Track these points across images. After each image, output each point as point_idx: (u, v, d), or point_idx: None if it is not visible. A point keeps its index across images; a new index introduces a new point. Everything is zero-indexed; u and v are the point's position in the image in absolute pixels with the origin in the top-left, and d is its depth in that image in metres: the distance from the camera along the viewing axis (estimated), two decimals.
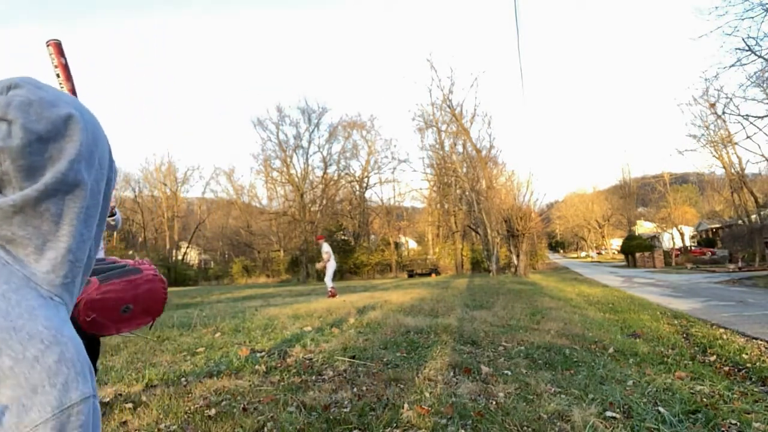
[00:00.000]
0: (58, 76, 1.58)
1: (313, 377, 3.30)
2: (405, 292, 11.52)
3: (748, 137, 24.14)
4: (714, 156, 29.26)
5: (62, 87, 1.61)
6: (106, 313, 1.63)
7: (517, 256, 22.67)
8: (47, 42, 1.53)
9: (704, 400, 2.85)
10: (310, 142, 37.90)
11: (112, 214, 2.81)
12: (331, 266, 11.29)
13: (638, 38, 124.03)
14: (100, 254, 2.46)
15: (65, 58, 1.55)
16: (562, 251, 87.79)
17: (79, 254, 0.53)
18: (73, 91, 1.64)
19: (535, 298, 9.50)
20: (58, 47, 1.55)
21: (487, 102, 75.88)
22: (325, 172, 37.85)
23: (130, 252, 35.57)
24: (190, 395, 2.94)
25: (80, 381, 0.48)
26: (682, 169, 61.21)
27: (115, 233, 33.93)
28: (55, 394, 0.45)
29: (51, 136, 0.50)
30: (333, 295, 10.67)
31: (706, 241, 38.46)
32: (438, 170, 35.10)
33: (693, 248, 37.51)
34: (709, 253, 32.09)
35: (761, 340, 5.25)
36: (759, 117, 21.10)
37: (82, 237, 0.53)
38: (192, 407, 2.68)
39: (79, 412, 0.47)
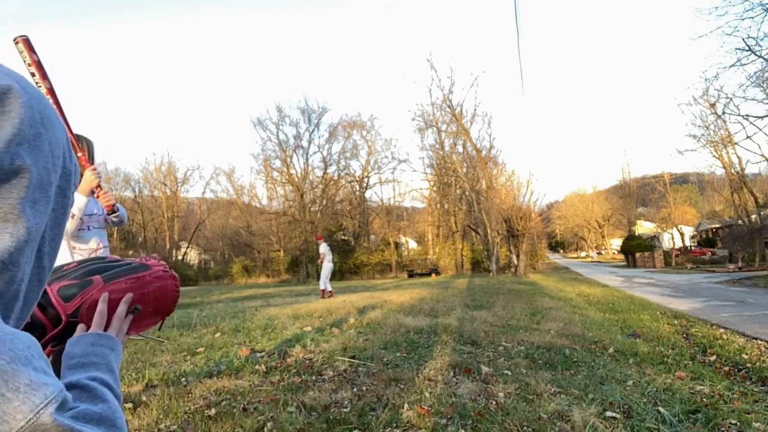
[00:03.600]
0: (33, 75, 1.43)
1: (313, 377, 3.30)
2: (405, 292, 11.52)
3: (748, 137, 24.20)
4: (714, 156, 29.25)
5: (40, 87, 1.43)
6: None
7: (517, 256, 22.67)
8: (15, 39, 1.37)
9: (704, 400, 2.85)
10: (310, 142, 37.93)
11: (115, 211, 2.78)
12: (327, 267, 11.24)
13: (638, 38, 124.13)
14: (105, 253, 2.43)
15: (37, 55, 1.40)
16: (562, 251, 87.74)
17: (17, 257, 0.41)
18: (52, 91, 1.47)
19: (535, 298, 9.49)
20: (27, 43, 1.39)
21: (487, 102, 76.05)
22: (325, 172, 37.86)
23: (130, 252, 35.53)
24: (190, 395, 2.95)
25: (46, 375, 0.39)
26: (682, 169, 61.25)
27: (115, 233, 33.92)
28: (20, 398, 0.35)
29: None
30: (326, 296, 10.64)
31: (706, 241, 38.43)
32: (438, 170, 35.11)
33: (693, 248, 37.47)
34: (709, 253, 32.08)
35: (761, 340, 5.25)
36: (759, 117, 21.12)
37: (18, 238, 0.41)
38: (192, 407, 2.68)
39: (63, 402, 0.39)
